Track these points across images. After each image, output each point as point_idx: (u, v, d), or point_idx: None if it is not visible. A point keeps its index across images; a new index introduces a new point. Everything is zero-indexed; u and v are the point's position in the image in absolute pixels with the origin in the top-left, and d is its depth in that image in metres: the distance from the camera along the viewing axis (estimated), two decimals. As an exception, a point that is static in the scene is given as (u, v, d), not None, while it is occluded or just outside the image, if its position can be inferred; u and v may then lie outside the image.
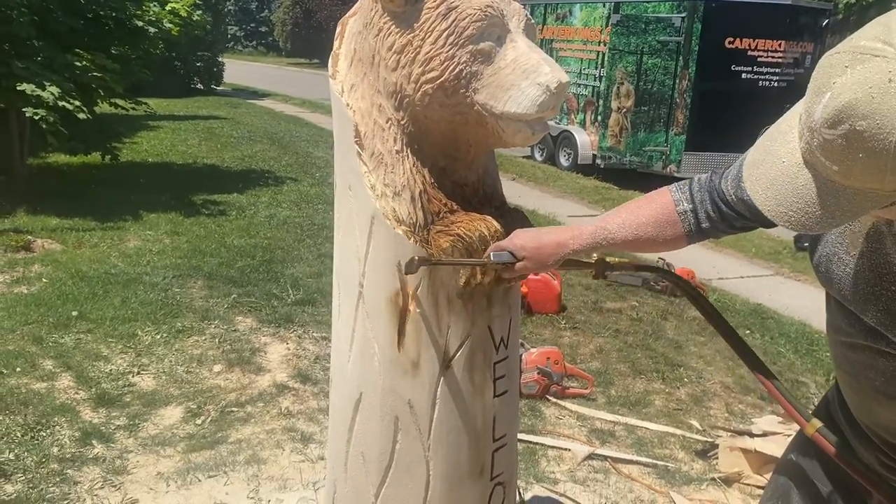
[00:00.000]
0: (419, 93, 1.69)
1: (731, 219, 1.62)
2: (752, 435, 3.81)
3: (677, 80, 12.01)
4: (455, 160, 1.87)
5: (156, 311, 5.22)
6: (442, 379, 1.93)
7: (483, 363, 1.98)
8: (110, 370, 4.31)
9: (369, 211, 1.81)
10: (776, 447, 3.67)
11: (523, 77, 1.64)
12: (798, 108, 1.17)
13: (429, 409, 1.94)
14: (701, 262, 7.82)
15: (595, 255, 1.80)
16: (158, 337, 4.83)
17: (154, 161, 11.46)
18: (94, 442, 3.47)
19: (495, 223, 1.84)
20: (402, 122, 1.77)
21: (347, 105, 1.81)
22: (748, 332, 5.97)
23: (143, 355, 4.56)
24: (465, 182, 1.91)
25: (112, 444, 3.48)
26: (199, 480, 3.11)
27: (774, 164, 1.16)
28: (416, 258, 1.67)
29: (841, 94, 1.00)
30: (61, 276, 5.78)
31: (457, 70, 1.65)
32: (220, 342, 4.80)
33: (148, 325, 4.97)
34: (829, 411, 1.81)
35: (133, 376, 4.28)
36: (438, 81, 1.66)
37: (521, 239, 1.67)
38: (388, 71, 1.73)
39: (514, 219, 1.95)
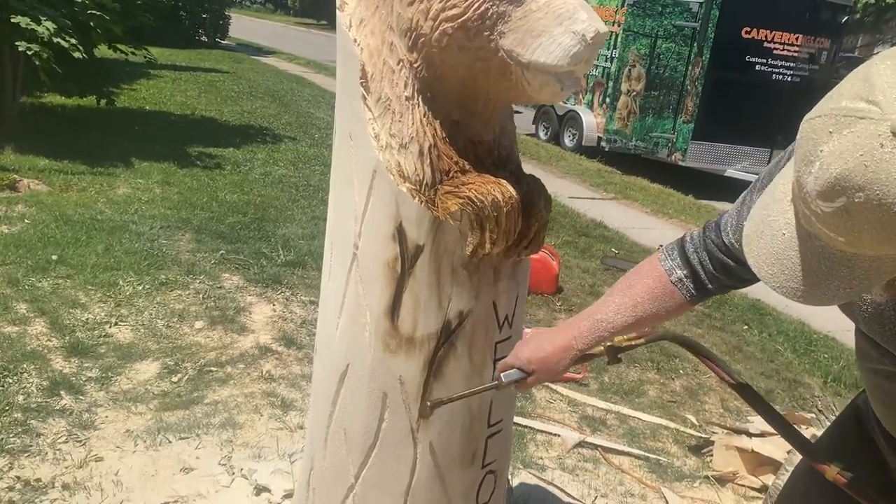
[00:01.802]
0: (437, 31, 1.49)
1: (740, 273, 1.47)
2: (749, 434, 3.66)
3: (690, 67, 11.77)
4: (471, 114, 1.67)
5: (140, 261, 5.02)
6: (439, 356, 1.75)
7: (484, 342, 1.80)
8: (87, 319, 4.12)
9: (371, 164, 1.62)
10: (774, 448, 3.54)
11: (557, 23, 1.45)
12: (787, 173, 1.08)
13: (421, 387, 1.77)
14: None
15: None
16: (140, 288, 4.64)
17: (151, 109, 11.19)
18: (62, 393, 3.30)
19: (510, 188, 1.65)
20: (416, 65, 1.57)
21: (354, 41, 1.61)
22: (746, 327, 5.83)
23: (123, 306, 4.37)
24: (480, 140, 1.72)
25: (81, 397, 3.30)
26: (170, 442, 2.94)
27: (775, 237, 1.07)
28: (429, 402, 1.71)
29: (831, 164, 0.90)
30: (44, 218, 5.57)
31: (482, 8, 1.45)
32: (204, 298, 4.62)
33: (130, 275, 4.78)
34: (859, 420, 1.66)
35: (110, 327, 4.10)
36: (460, 20, 1.46)
37: (525, 352, 1.60)
38: (403, 5, 1.52)
39: (530, 187, 1.76)
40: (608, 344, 1.71)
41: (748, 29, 11.47)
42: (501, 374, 1.66)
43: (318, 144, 10.10)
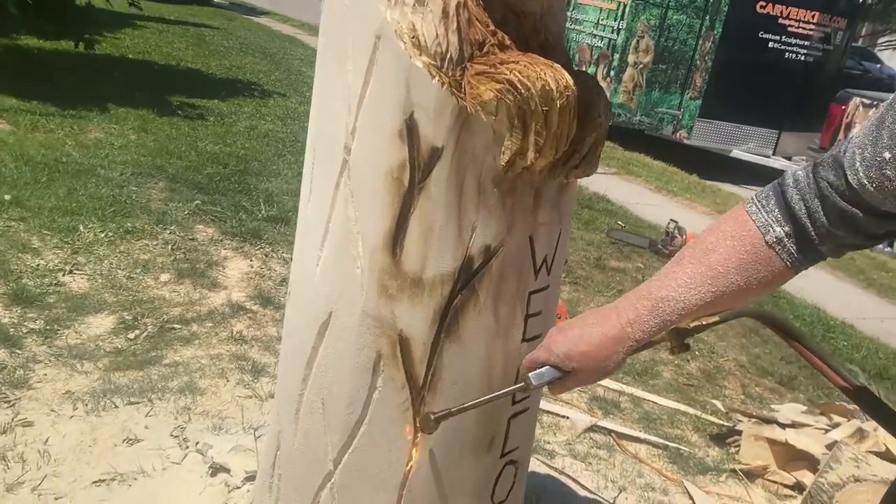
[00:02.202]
0: None
1: (870, 227, 1.04)
2: (781, 425, 3.24)
3: (700, 41, 11.26)
4: (515, -31, 1.21)
5: (105, 206, 4.53)
6: (454, 305, 1.29)
7: (515, 290, 1.34)
8: (37, 265, 3.64)
9: (373, 26, 1.15)
10: (811, 442, 3.12)
11: None
12: None
13: (428, 347, 1.31)
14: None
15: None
16: (103, 235, 4.15)
17: (134, 58, 10.58)
18: (-5, 345, 2.83)
19: (566, 74, 1.19)
20: None
21: None
22: (762, 310, 5.41)
23: (81, 253, 3.89)
24: (524, 11, 1.25)
25: (18, 351, 2.83)
26: (116, 406, 2.49)
27: None
28: (433, 415, 1.30)
29: None
30: (3, 157, 5.05)
31: None
32: (174, 250, 4.13)
33: (93, 221, 4.29)
34: None
35: (64, 275, 3.62)
36: None
37: (561, 345, 1.19)
38: None
39: (587, 84, 1.29)
40: (670, 330, 1.27)
41: (763, 3, 10.97)
42: (530, 374, 1.23)
43: (309, 102, 9.55)
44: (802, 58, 11.53)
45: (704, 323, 1.42)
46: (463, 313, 1.30)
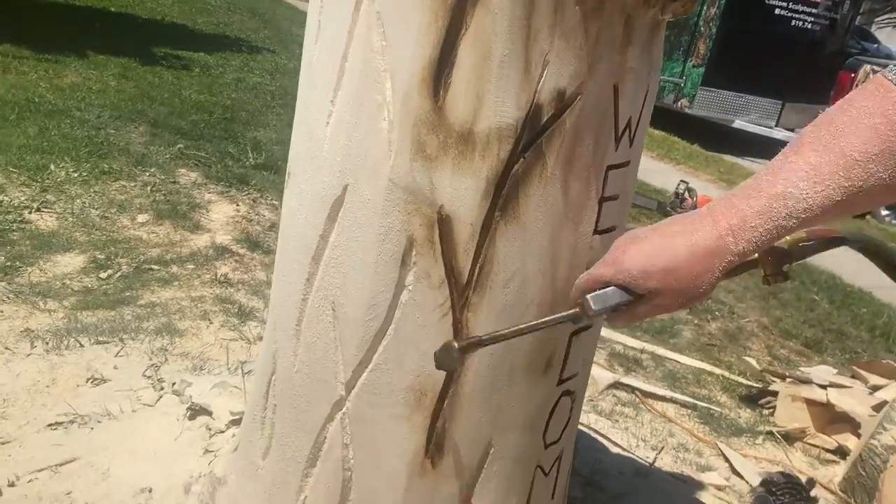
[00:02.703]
0: None
1: None
2: (821, 385, 2.95)
3: (705, 6, 10.92)
4: None
5: (79, 147, 4.16)
6: (514, 173, 0.97)
7: (591, 160, 1.02)
8: (1, 200, 3.28)
9: None
10: (856, 403, 2.84)
11: None
12: None
13: (477, 230, 0.99)
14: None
15: None
16: (76, 175, 3.79)
17: (116, 11, 10.12)
18: (-53, 279, 2.49)
19: None
20: None
21: None
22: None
23: (51, 192, 3.53)
24: None
25: (-28, 285, 2.50)
26: (81, 346, 2.16)
27: None
28: (458, 343, 0.97)
29: None
30: (-31, 95, 4.67)
31: None
32: (153, 191, 3.78)
33: (65, 161, 3.92)
34: None
35: (30, 212, 3.26)
36: None
37: (634, 258, 0.88)
38: None
39: None
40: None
41: (770, -31, 10.66)
42: (589, 297, 0.91)
43: (300, 58, 9.17)
44: (809, 27, 11.23)
45: (804, 244, 1.08)
46: (525, 184, 0.97)
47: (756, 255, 0.91)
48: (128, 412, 1.77)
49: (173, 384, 1.86)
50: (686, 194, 6.07)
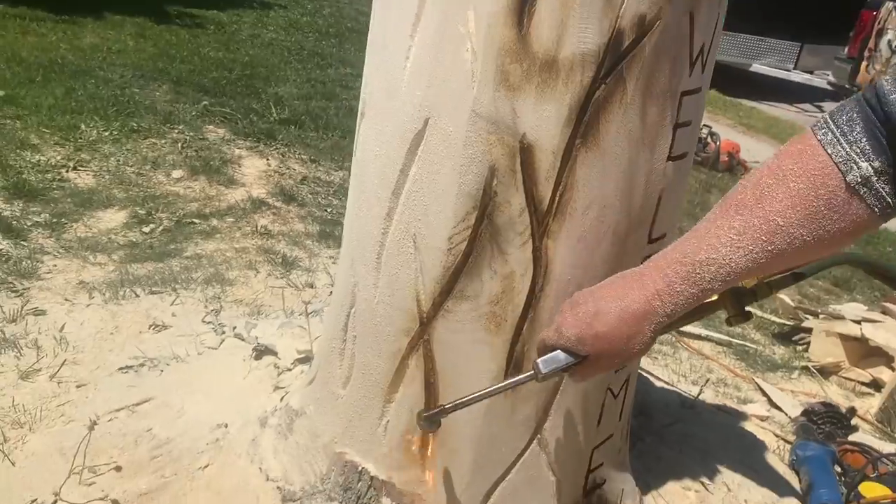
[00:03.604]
0: None
1: None
2: (855, 321, 2.99)
3: (722, -52, 10.69)
4: None
5: (106, 106, 4.19)
6: (596, 99, 0.99)
7: (667, 85, 1.04)
8: (38, 160, 3.32)
9: None
10: (889, 336, 2.87)
11: None
12: None
13: (558, 157, 1.02)
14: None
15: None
16: (107, 134, 3.82)
17: (124, -28, 10.03)
18: (-2, 236, 2.54)
19: None
20: None
21: None
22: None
23: (84, 150, 3.57)
24: None
25: (23, 243, 2.54)
26: (137, 296, 2.22)
27: None
28: (423, 414, 1.10)
29: None
30: (-8, 58, 4.68)
31: None
32: (184, 147, 3.82)
33: (95, 120, 3.95)
34: None
35: (67, 171, 3.31)
36: None
37: (571, 326, 0.92)
38: None
39: None
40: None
41: None
42: (539, 361, 0.95)
43: (311, 14, 9.09)
44: (829, -35, 10.98)
45: (772, 280, 1.08)
46: (605, 111, 1.00)
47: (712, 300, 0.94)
48: (194, 355, 1.84)
49: (234, 328, 1.92)
50: (709, 139, 6.04)
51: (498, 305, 1.12)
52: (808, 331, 3.05)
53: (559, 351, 0.94)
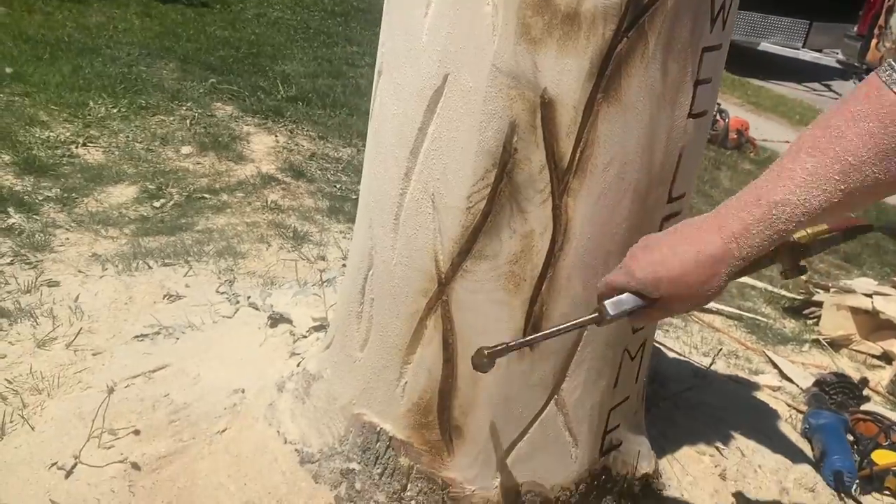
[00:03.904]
0: None
1: None
2: (866, 294, 2.98)
3: (730, -76, 10.57)
4: None
5: (114, 84, 4.18)
6: (618, 53, 0.99)
7: (688, 40, 1.04)
8: (48, 137, 3.33)
9: None
10: (902, 310, 2.87)
11: None
12: None
13: (580, 112, 1.02)
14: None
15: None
16: (115, 111, 3.82)
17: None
18: (10, 210, 2.54)
19: None
20: None
21: None
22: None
23: (93, 127, 3.57)
24: None
25: (35, 217, 2.55)
26: (149, 267, 2.22)
27: None
28: (487, 350, 1.01)
29: None
30: (0, 36, 4.67)
31: None
32: (192, 124, 3.82)
33: (103, 97, 3.95)
34: None
35: (77, 147, 3.31)
36: None
37: (645, 267, 0.91)
38: None
39: None
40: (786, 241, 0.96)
41: None
42: (606, 303, 0.94)
43: (316, -7, 9.05)
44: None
45: (827, 237, 1.08)
46: (627, 65, 0.99)
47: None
48: (209, 323, 1.84)
49: (248, 297, 1.93)
50: (718, 116, 6.01)
51: (517, 265, 1.12)
52: (819, 304, 3.05)
53: (627, 294, 0.92)
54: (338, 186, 3.38)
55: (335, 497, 1.32)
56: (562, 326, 0.99)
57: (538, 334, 1.01)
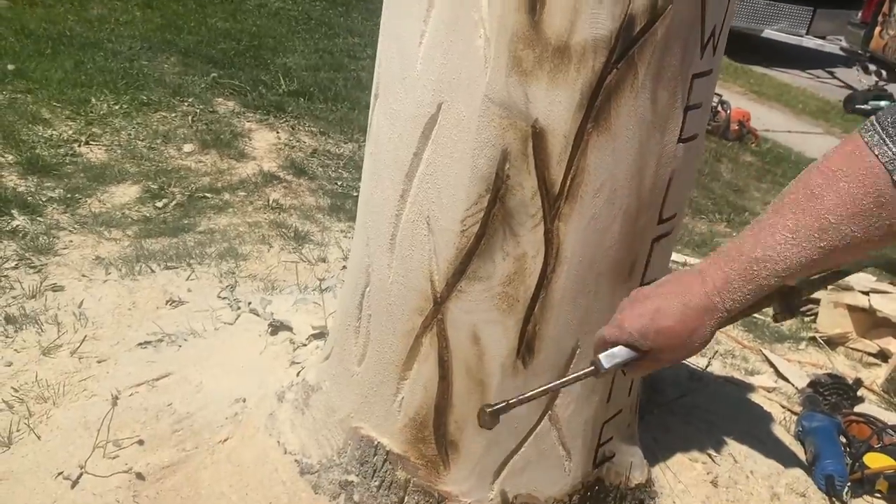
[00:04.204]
0: None
1: None
2: (863, 292, 3.01)
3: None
4: None
5: (116, 79, 4.20)
6: (607, 84, 1.01)
7: (678, 69, 1.05)
8: (51, 135, 3.35)
9: None
10: (898, 308, 2.89)
11: None
12: None
13: (570, 141, 1.04)
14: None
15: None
16: (117, 107, 3.84)
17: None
18: (13, 212, 2.57)
19: None
20: None
21: None
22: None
23: (96, 124, 3.59)
24: None
25: (39, 219, 2.58)
26: (152, 271, 2.25)
27: None
28: (488, 408, 1.06)
29: None
30: (1, 30, 4.68)
31: None
32: (194, 121, 3.83)
33: (105, 94, 3.97)
34: None
35: (80, 146, 3.34)
36: None
37: (633, 321, 0.96)
38: None
39: None
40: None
41: None
42: (601, 356, 0.98)
43: (317, -19, 9.02)
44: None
45: (815, 280, 1.11)
46: (617, 95, 1.01)
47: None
48: (210, 330, 1.88)
49: (249, 303, 1.96)
50: (719, 107, 6.00)
51: (510, 286, 1.14)
52: (817, 302, 3.07)
53: (620, 346, 0.97)
54: (339, 183, 3.40)
55: (334, 507, 1.35)
56: (560, 381, 1.04)
57: (539, 389, 1.05)
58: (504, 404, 1.06)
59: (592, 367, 0.99)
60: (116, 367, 1.74)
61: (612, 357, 0.97)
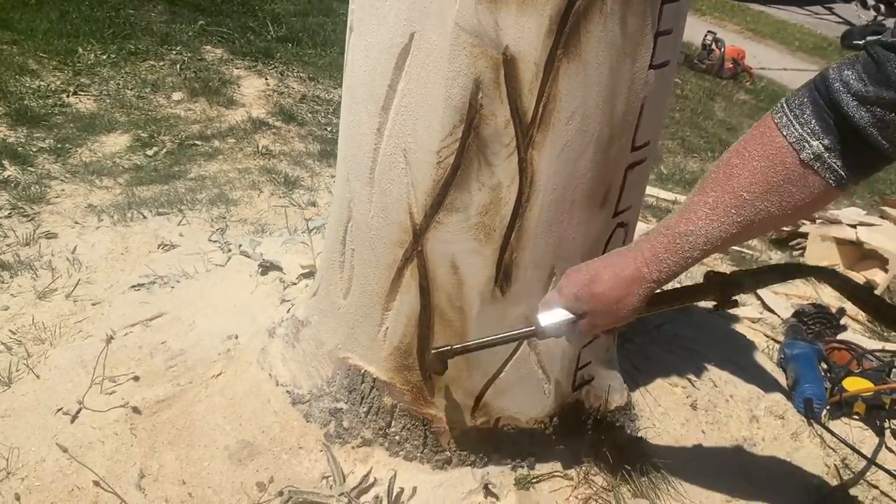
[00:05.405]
0: None
1: None
2: (851, 225, 3.03)
3: None
4: None
5: (103, 28, 4.16)
6: (576, 10, 1.02)
7: (646, -4, 1.06)
8: (38, 86, 3.35)
9: None
10: (884, 239, 2.92)
11: None
12: None
13: (541, 69, 1.05)
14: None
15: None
16: (104, 57, 3.82)
17: None
18: (5, 162, 2.58)
19: None
20: None
21: None
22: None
23: (84, 74, 3.58)
24: None
25: (30, 168, 2.60)
26: (144, 217, 2.27)
27: None
28: (434, 350, 1.23)
29: None
30: (-18, -20, 4.61)
31: None
32: (182, 69, 3.81)
33: (92, 43, 3.94)
34: None
35: (68, 96, 3.33)
36: None
37: (572, 286, 1.06)
38: None
39: None
40: (713, 273, 1.11)
41: None
42: (540, 317, 1.08)
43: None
44: None
45: (760, 276, 1.14)
46: (586, 21, 1.03)
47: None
48: (202, 272, 1.91)
49: (240, 245, 1.99)
50: (713, 45, 5.95)
51: (487, 216, 1.17)
52: (805, 236, 3.10)
53: (559, 308, 1.06)
54: (329, 129, 3.40)
55: (325, 434, 1.40)
56: (501, 336, 1.16)
57: (479, 341, 1.18)
58: (448, 348, 1.18)
59: (534, 327, 1.09)
60: (111, 309, 1.78)
61: (550, 317, 1.07)
